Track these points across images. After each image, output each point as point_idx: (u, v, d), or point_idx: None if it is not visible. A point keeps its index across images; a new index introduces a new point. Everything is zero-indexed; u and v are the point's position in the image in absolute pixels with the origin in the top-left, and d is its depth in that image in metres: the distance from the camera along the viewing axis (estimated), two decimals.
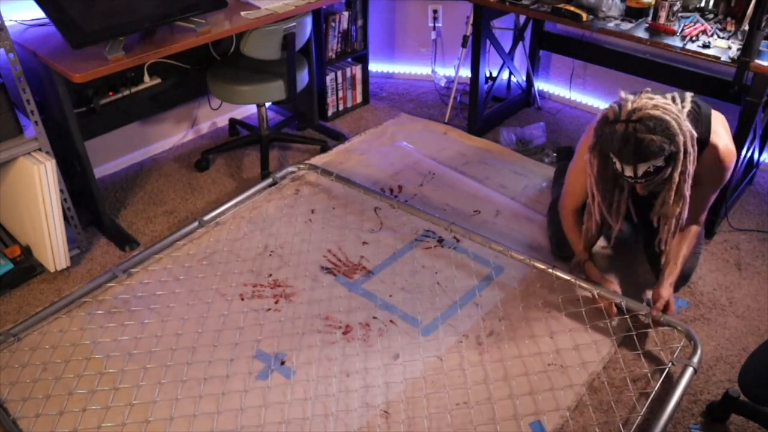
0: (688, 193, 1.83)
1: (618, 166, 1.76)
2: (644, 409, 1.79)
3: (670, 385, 1.87)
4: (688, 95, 1.88)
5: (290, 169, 2.85)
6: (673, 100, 1.83)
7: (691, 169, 1.78)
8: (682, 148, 1.71)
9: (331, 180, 2.75)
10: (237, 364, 1.96)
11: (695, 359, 1.89)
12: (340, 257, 2.40)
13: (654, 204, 1.94)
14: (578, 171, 2.10)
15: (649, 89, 1.81)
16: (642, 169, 1.72)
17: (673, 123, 1.69)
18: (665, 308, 2.05)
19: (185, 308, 2.16)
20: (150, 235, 2.56)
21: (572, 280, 2.18)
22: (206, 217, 2.53)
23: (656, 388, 1.85)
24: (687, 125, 1.73)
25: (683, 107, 1.82)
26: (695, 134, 1.76)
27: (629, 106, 1.71)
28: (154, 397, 1.85)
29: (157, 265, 2.35)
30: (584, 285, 2.16)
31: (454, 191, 2.78)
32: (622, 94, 1.77)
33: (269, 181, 2.77)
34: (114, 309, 2.16)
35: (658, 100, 1.74)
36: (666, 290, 2.05)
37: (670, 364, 1.92)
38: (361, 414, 1.81)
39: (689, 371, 1.85)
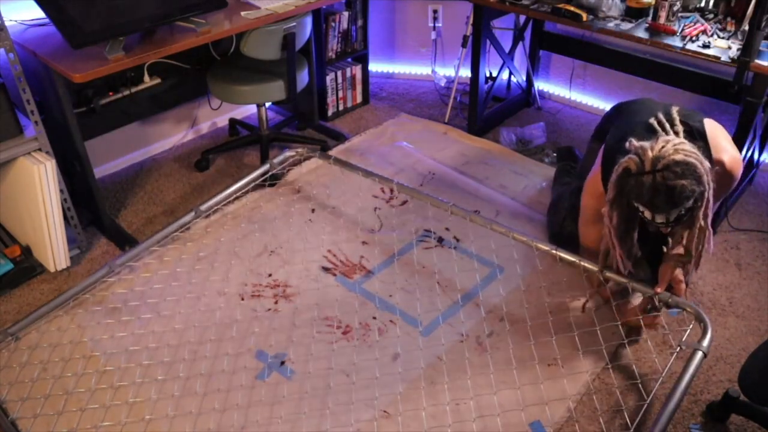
0: (709, 226, 1.81)
1: (648, 215, 1.72)
2: (650, 396, 1.75)
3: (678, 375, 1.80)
4: (674, 110, 1.86)
5: (288, 153, 2.77)
6: (660, 124, 1.82)
7: (711, 201, 1.75)
8: (708, 185, 1.69)
9: (330, 164, 2.69)
10: (236, 363, 1.96)
11: (705, 342, 1.78)
12: (340, 257, 2.40)
13: (664, 238, 1.92)
14: (590, 223, 2.12)
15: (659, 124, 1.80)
16: (674, 214, 1.69)
17: (697, 164, 1.66)
18: (671, 287, 1.99)
19: (185, 308, 2.16)
20: (150, 235, 2.56)
21: (577, 261, 2.12)
22: (203, 207, 2.47)
23: (663, 374, 1.80)
24: (704, 160, 1.70)
25: (676, 132, 1.81)
26: (709, 165, 1.72)
27: (650, 154, 1.67)
28: (153, 396, 1.85)
29: (157, 265, 2.35)
30: (589, 266, 2.09)
31: (454, 191, 2.78)
32: (635, 143, 1.72)
33: (266, 167, 2.68)
34: (114, 309, 2.16)
35: (674, 141, 1.70)
36: (670, 270, 1.98)
37: (678, 349, 1.87)
38: (361, 414, 1.81)
39: (698, 355, 1.77)
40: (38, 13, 2.22)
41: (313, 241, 2.48)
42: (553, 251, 2.17)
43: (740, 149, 2.32)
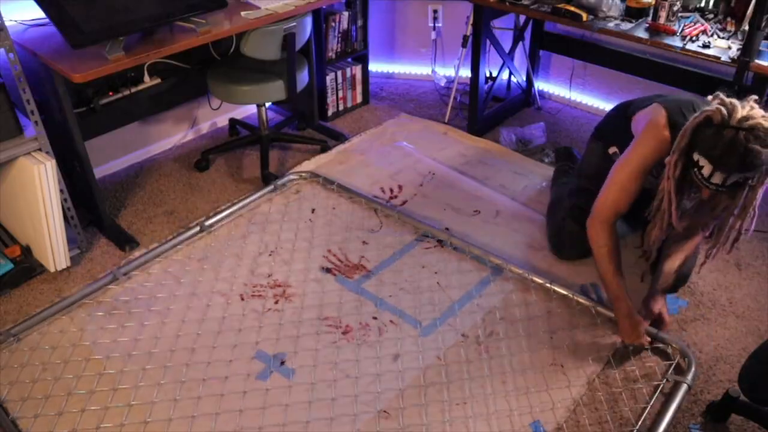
0: (756, 207, 1.76)
1: (706, 170, 1.66)
2: (640, 422, 1.78)
3: (666, 397, 1.86)
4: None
5: (291, 177, 2.84)
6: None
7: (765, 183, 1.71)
8: None
9: (333, 189, 2.76)
10: (237, 364, 1.96)
11: (689, 376, 1.88)
12: (340, 257, 2.40)
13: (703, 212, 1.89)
14: (635, 173, 1.92)
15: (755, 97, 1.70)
16: (734, 179, 1.65)
17: None
18: (657, 322, 2.03)
19: (185, 309, 2.16)
20: (150, 235, 2.56)
21: (570, 295, 2.17)
22: (208, 222, 2.53)
23: (651, 403, 1.83)
24: None
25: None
26: None
27: (739, 110, 1.62)
28: (153, 398, 1.85)
29: (157, 266, 2.35)
30: (582, 301, 2.15)
31: (454, 191, 2.78)
32: (723, 97, 1.68)
33: (270, 187, 2.76)
34: (114, 310, 2.16)
35: (761, 110, 1.64)
36: (657, 304, 2.03)
37: (664, 381, 1.91)
38: (361, 414, 1.81)
39: (683, 388, 1.85)
40: (38, 13, 2.22)
41: (313, 241, 2.48)
42: (547, 285, 2.21)
43: None
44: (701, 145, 1.67)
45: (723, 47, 2.27)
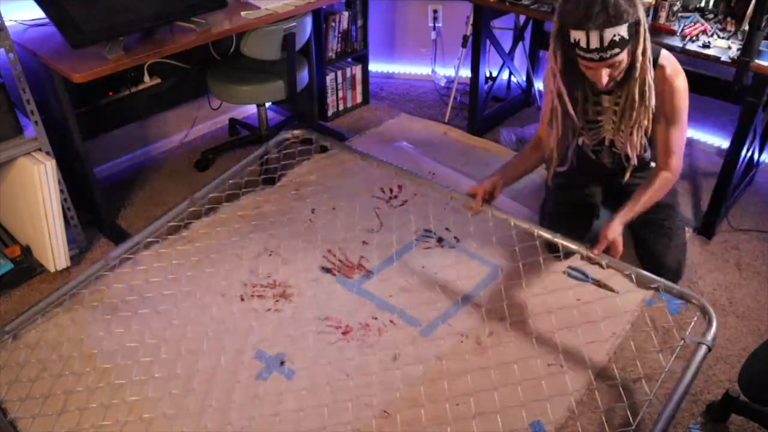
0: (651, 91, 1.80)
1: (582, 40, 1.66)
2: (653, 392, 1.71)
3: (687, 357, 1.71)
4: None
5: (284, 135, 2.56)
6: None
7: (649, 53, 1.74)
8: (642, 20, 1.67)
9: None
10: (236, 363, 1.96)
11: (709, 336, 1.67)
12: (340, 257, 2.40)
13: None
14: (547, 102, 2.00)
15: None
16: (608, 36, 1.63)
17: None
18: (608, 249, 1.91)
19: (185, 308, 2.16)
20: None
21: (550, 237, 1.99)
22: (197, 195, 2.35)
23: (666, 369, 1.74)
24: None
25: None
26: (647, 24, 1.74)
27: None
28: (153, 398, 1.85)
29: (157, 264, 2.35)
30: (567, 243, 1.96)
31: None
32: None
33: (263, 149, 2.52)
34: (113, 309, 2.16)
35: None
36: (612, 230, 1.90)
37: (681, 342, 1.77)
38: (361, 414, 1.81)
39: (702, 349, 1.66)
40: (38, 13, 2.22)
41: (313, 241, 2.48)
42: (534, 229, 2.04)
43: (740, 149, 2.32)
44: (569, 18, 1.67)
45: (723, 47, 2.27)
